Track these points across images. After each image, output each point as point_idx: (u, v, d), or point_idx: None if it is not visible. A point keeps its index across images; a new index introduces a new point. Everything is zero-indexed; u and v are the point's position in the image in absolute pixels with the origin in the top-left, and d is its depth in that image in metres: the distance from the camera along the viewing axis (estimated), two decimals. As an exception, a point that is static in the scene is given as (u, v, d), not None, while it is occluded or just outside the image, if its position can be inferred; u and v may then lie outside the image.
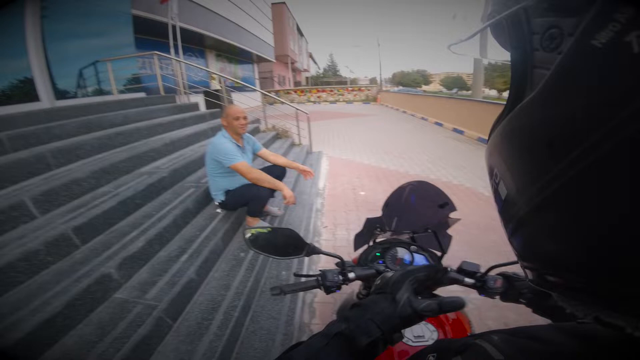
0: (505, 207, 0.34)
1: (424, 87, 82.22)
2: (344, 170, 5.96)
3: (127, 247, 2.15)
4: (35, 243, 1.91)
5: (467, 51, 0.41)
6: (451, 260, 1.00)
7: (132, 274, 2.08)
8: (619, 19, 0.22)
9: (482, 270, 0.89)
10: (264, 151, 3.13)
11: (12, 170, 2.57)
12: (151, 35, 10.31)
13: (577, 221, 0.26)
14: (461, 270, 0.90)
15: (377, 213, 1.11)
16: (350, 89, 27.47)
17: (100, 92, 6.53)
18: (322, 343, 0.48)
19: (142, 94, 7.09)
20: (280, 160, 3.11)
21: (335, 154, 7.35)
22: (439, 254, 1.03)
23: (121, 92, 6.78)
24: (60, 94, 5.65)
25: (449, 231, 1.10)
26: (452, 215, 1.06)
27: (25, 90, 5.12)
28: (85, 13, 6.10)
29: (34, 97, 5.17)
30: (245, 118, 2.76)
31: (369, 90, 27.38)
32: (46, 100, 5.32)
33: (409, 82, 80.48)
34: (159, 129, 4.58)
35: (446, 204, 1.04)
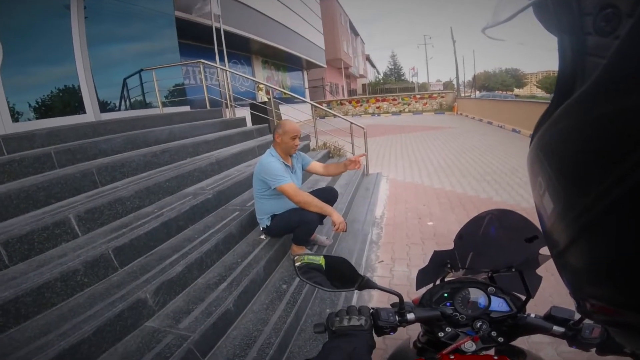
0: (552, 223, 0.33)
1: (516, 91, 78.78)
2: (407, 195, 5.97)
3: (166, 271, 2.40)
4: (75, 263, 2.19)
5: (506, 35, 0.39)
6: (540, 305, 1.00)
7: (167, 301, 2.31)
8: None
9: (577, 317, 0.88)
10: (313, 164, 3.34)
11: (59, 186, 3.00)
12: (193, 39, 11.23)
13: None
14: (550, 317, 0.90)
15: (447, 246, 1.11)
16: (418, 96, 27.62)
17: (144, 104, 7.27)
18: None
19: (186, 108, 7.76)
20: (331, 169, 3.30)
21: (398, 175, 7.40)
22: (523, 297, 1.00)
23: (165, 104, 7.44)
24: (103, 106, 6.34)
25: (539, 271, 1.06)
26: (543, 251, 1.00)
27: (72, 101, 5.71)
28: (126, 14, 6.72)
29: (80, 109, 5.82)
30: (300, 137, 3.01)
31: (442, 97, 27.18)
32: (91, 112, 6.01)
33: (496, 84, 77.71)
34: (205, 146, 5.03)
35: (536, 238, 0.99)
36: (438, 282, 1.10)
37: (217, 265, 2.78)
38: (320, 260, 1.02)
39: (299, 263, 1.01)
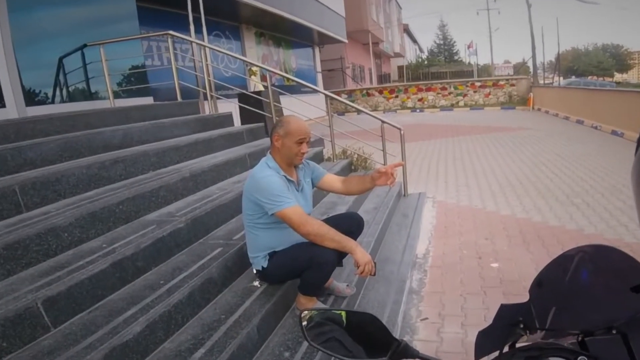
0: None
1: (617, 77, 77.91)
2: (462, 224, 5.96)
3: (118, 331, 2.38)
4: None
5: None
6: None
7: (121, 376, 2.29)
8: None
9: None
10: (328, 178, 3.36)
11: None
12: (159, 2, 11.41)
13: None
14: None
15: (519, 298, 1.11)
16: (478, 84, 27.76)
17: (88, 94, 7.40)
18: None
19: (148, 100, 7.88)
20: (353, 185, 3.31)
21: (449, 196, 7.41)
22: None
23: (117, 95, 7.54)
24: (29, 97, 6.42)
25: None
26: None
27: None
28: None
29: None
30: (309, 141, 3.03)
31: (512, 85, 27.26)
32: (13, 106, 6.11)
33: (588, 67, 77.05)
34: (174, 154, 5.07)
35: None
36: (506, 348, 1.09)
37: (191, 324, 2.77)
38: (338, 317, 1.03)
39: (308, 321, 1.03)
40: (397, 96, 28.02)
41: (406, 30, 63.42)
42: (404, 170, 7.21)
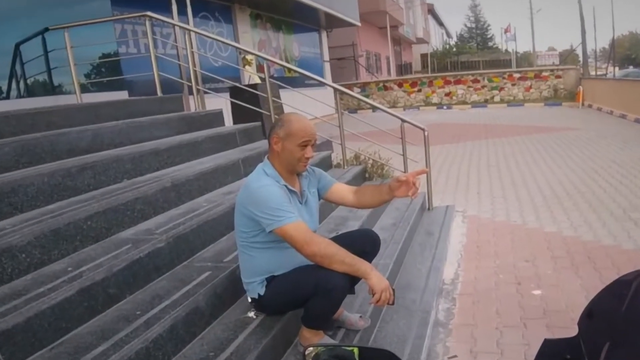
0: None
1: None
2: (498, 243, 5.93)
3: (86, 373, 2.37)
4: None
5: None
6: None
7: None
8: None
9: None
10: (338, 188, 3.37)
11: None
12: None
13: None
14: None
15: (566, 332, 1.15)
16: (517, 75, 27.65)
17: (51, 88, 7.40)
18: None
19: (122, 94, 7.88)
20: (367, 195, 3.31)
21: (482, 210, 7.40)
22: None
23: (86, 88, 7.51)
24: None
25: None
26: None
27: None
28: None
29: None
30: (314, 144, 3.02)
31: (558, 76, 27.15)
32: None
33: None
34: (154, 160, 5.06)
35: None
36: None
37: (173, 363, 2.76)
38: (349, 355, 1.03)
39: (312, 357, 1.04)
40: (420, 90, 27.98)
41: (431, 11, 63.30)
42: (428, 179, 7.14)
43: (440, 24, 77.26)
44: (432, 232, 6.12)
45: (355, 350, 1.06)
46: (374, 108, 7.84)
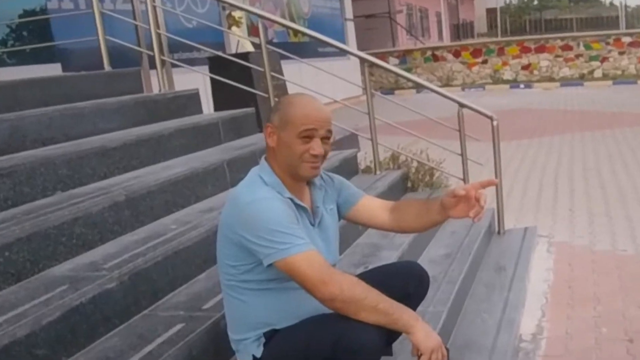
0: None
1: None
2: (600, 282, 5.18)
3: None
4: None
5: None
6: None
7: None
8: None
9: None
10: (366, 202, 2.88)
11: None
12: None
13: None
14: None
15: None
16: (626, 40, 24.62)
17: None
18: None
19: (55, 67, 7.42)
20: (411, 214, 2.80)
21: (576, 235, 6.56)
22: None
23: (2, 60, 7.07)
24: None
25: None
26: None
27: None
28: None
29: None
30: (328, 136, 2.39)
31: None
32: None
33: None
34: (99, 163, 4.34)
35: None
36: None
37: None
38: None
39: None
40: (485, 61, 25.47)
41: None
42: (498, 191, 6.27)
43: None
44: (503, 266, 5.38)
45: None
46: (419, 87, 7.11)
